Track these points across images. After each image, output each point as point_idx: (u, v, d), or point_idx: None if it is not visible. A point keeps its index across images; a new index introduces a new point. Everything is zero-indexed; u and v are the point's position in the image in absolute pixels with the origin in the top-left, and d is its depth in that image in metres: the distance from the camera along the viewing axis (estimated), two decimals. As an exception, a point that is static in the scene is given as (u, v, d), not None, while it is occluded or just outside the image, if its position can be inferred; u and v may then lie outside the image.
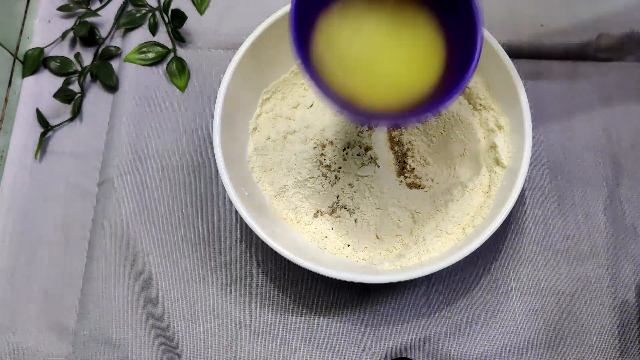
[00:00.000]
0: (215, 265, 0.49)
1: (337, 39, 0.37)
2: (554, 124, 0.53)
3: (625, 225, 0.50)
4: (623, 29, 0.55)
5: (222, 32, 0.56)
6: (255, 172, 0.49)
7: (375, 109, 0.36)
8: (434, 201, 0.47)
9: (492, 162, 0.46)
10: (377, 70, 0.37)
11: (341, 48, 0.37)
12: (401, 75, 0.37)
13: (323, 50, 0.36)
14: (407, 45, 0.37)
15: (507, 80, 0.45)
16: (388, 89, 0.37)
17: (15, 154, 0.53)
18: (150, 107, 0.54)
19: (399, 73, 0.37)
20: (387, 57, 0.37)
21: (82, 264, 0.50)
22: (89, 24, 0.56)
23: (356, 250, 0.47)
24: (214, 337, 0.47)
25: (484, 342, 0.47)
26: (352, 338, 0.47)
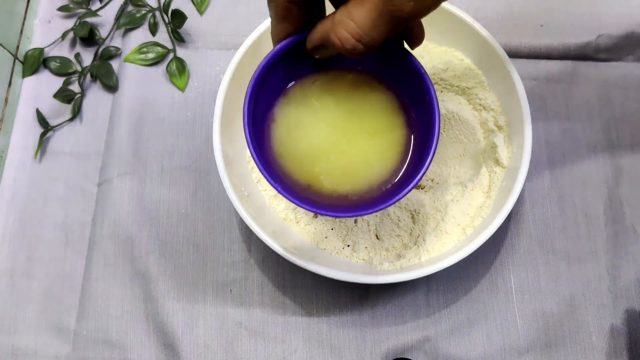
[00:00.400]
0: (215, 266, 0.49)
1: (293, 125, 0.36)
2: (554, 124, 0.53)
3: (625, 226, 0.50)
4: (623, 29, 0.55)
5: (222, 32, 0.56)
6: (255, 172, 0.49)
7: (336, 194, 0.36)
8: (434, 201, 0.47)
9: (492, 162, 0.46)
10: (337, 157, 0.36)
11: (298, 135, 0.37)
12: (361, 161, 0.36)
13: (281, 138, 0.36)
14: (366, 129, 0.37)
15: (507, 80, 0.45)
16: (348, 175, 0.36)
17: (15, 154, 0.53)
18: (150, 107, 0.54)
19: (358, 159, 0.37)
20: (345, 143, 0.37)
21: (82, 264, 0.50)
22: (89, 24, 0.56)
23: (356, 251, 0.47)
24: (213, 337, 0.47)
25: (484, 342, 0.47)
26: (352, 338, 0.47)
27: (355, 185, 0.36)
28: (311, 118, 0.37)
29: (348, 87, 0.37)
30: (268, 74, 0.34)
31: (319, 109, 0.37)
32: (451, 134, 0.49)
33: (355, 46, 0.30)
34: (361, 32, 0.29)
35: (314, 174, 0.36)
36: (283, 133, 0.36)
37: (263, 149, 0.35)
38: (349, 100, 0.37)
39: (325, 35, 0.31)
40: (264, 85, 0.35)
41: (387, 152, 0.37)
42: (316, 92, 0.37)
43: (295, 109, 0.37)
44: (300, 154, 0.36)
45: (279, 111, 0.37)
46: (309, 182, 0.36)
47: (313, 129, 0.36)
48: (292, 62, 0.35)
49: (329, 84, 0.37)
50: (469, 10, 0.55)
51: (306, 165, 0.36)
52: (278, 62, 0.34)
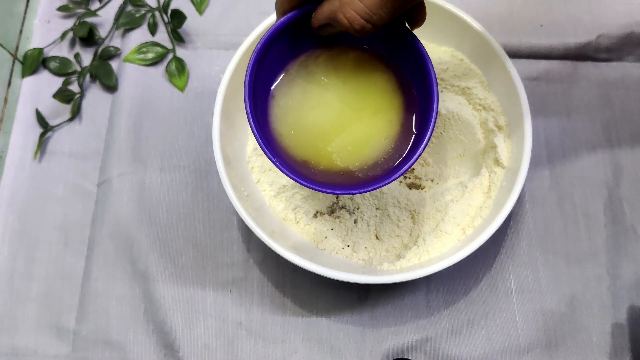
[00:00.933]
0: (214, 266, 0.49)
1: (295, 101, 0.37)
2: (554, 124, 0.53)
3: (625, 226, 0.50)
4: (623, 29, 0.55)
5: (221, 32, 0.56)
6: (254, 172, 0.49)
7: (334, 170, 0.36)
8: (434, 201, 0.47)
9: (492, 162, 0.46)
10: (338, 134, 0.37)
11: (299, 111, 0.37)
12: (362, 138, 0.37)
13: (282, 114, 0.37)
14: (367, 107, 0.37)
15: (507, 80, 0.45)
16: (349, 151, 0.37)
17: (14, 154, 0.53)
18: (149, 107, 0.54)
19: (359, 136, 0.37)
20: (347, 121, 0.37)
21: (81, 264, 0.50)
22: (89, 24, 0.56)
23: (356, 251, 0.47)
24: (213, 337, 0.47)
25: (484, 342, 0.47)
26: (352, 338, 0.47)
27: (356, 162, 0.36)
28: (313, 95, 0.37)
29: (351, 65, 0.37)
30: (270, 47, 0.34)
31: (321, 86, 0.37)
32: (451, 134, 0.49)
33: (363, 25, 0.30)
34: (369, 12, 0.30)
35: (315, 151, 0.36)
36: (284, 109, 0.36)
37: (264, 124, 0.35)
38: (352, 78, 0.37)
39: (332, 15, 0.31)
40: (266, 59, 0.34)
41: (388, 130, 0.37)
42: (319, 70, 0.37)
43: (297, 85, 0.37)
44: (302, 130, 0.36)
45: (280, 87, 0.37)
46: (309, 159, 0.36)
47: (315, 106, 0.37)
48: (295, 37, 0.35)
49: (332, 61, 0.37)
50: (469, 10, 0.55)
51: (307, 142, 0.36)
52: (281, 35, 0.34)
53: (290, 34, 0.35)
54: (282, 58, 0.36)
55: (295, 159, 0.36)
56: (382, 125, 0.37)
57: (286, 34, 0.34)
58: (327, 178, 0.36)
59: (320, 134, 0.37)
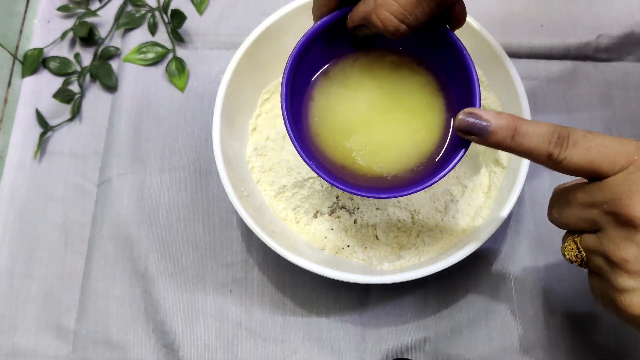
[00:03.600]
0: (214, 266, 0.49)
1: (331, 104, 0.36)
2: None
3: (626, 226, 0.50)
4: (623, 29, 0.55)
5: (221, 32, 0.56)
6: (254, 172, 0.49)
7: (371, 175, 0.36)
8: (434, 201, 0.47)
9: (492, 162, 0.46)
10: (374, 137, 0.36)
11: (335, 114, 0.36)
12: (398, 141, 0.36)
13: (318, 116, 0.36)
14: (405, 110, 0.36)
15: (507, 80, 0.45)
16: (384, 155, 0.36)
17: (14, 154, 0.53)
18: (149, 107, 0.54)
19: (395, 139, 0.36)
20: (383, 123, 0.36)
21: (81, 264, 0.50)
22: (89, 24, 0.56)
23: (356, 251, 0.47)
24: (213, 337, 0.47)
25: (484, 342, 0.47)
26: (352, 338, 0.47)
27: (391, 166, 0.36)
28: (350, 98, 0.36)
29: (388, 68, 0.37)
30: (308, 50, 0.34)
31: (358, 89, 0.36)
32: (451, 134, 0.49)
33: (398, 27, 0.30)
34: (405, 12, 0.29)
35: (349, 153, 0.36)
36: (320, 111, 0.36)
37: (299, 126, 0.35)
38: (389, 82, 0.36)
39: (366, 16, 0.31)
40: (303, 61, 0.34)
41: (426, 134, 0.36)
42: (356, 73, 0.36)
43: (334, 88, 0.36)
44: (337, 133, 0.36)
45: (317, 89, 0.36)
46: (343, 162, 0.36)
47: (351, 109, 0.36)
48: (333, 39, 0.35)
49: (369, 64, 0.37)
50: (468, 10, 0.55)
51: (342, 145, 0.36)
52: (318, 38, 0.34)
53: (327, 37, 0.34)
54: (319, 60, 0.36)
55: (332, 161, 0.36)
56: (420, 129, 0.36)
57: (323, 37, 0.34)
58: (363, 181, 0.35)
59: (355, 136, 0.36)
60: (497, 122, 0.30)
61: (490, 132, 0.31)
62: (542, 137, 0.30)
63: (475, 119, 0.31)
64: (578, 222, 0.31)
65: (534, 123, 0.31)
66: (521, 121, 0.30)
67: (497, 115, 0.31)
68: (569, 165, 0.30)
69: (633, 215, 0.28)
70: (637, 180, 0.28)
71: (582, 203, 0.31)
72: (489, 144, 0.31)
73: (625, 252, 0.28)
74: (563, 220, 0.32)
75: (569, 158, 0.30)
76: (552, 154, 0.30)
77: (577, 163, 0.30)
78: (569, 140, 0.30)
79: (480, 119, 0.31)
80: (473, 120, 0.31)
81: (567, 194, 0.32)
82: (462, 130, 0.32)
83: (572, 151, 0.30)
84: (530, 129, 0.30)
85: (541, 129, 0.30)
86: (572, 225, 0.32)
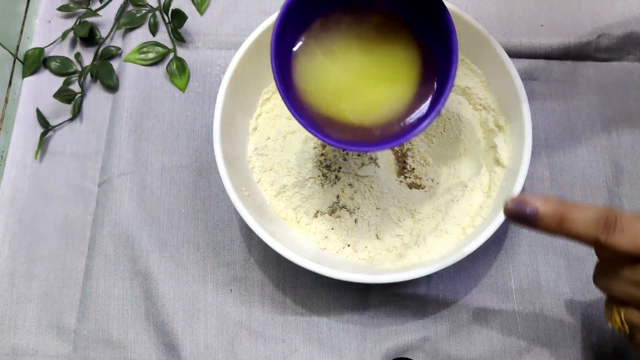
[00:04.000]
0: (215, 265, 0.49)
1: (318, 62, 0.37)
2: (554, 124, 0.53)
3: (625, 226, 0.50)
4: (623, 29, 0.55)
5: (222, 32, 0.56)
6: (255, 172, 0.49)
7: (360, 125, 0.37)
8: (434, 201, 0.47)
9: (492, 162, 0.47)
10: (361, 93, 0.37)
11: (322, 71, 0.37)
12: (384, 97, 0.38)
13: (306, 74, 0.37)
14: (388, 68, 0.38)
15: (507, 80, 0.45)
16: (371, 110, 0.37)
17: (15, 154, 0.53)
18: (150, 107, 0.54)
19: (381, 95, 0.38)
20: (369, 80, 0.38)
21: (82, 264, 0.50)
22: (89, 24, 0.56)
23: (356, 250, 0.47)
24: (214, 337, 0.47)
25: (484, 342, 0.47)
26: (352, 338, 0.47)
27: (379, 119, 0.37)
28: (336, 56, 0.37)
29: (373, 28, 0.37)
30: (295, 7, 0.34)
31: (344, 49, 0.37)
32: (451, 133, 0.49)
33: None
34: None
35: (337, 109, 0.37)
36: (307, 69, 0.37)
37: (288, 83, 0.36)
38: (373, 40, 0.37)
39: None
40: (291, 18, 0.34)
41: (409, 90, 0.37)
42: (341, 30, 0.37)
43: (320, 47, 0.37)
44: (325, 89, 0.37)
45: (304, 47, 0.37)
46: (332, 117, 0.37)
47: (337, 67, 0.37)
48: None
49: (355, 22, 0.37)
50: (468, 10, 0.55)
51: (330, 101, 0.37)
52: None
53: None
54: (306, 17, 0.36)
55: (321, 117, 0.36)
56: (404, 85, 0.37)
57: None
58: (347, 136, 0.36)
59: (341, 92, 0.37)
60: (543, 209, 0.31)
61: (538, 220, 0.31)
62: (589, 222, 0.31)
63: (522, 205, 0.31)
64: (624, 296, 0.32)
65: (581, 208, 0.31)
66: (568, 207, 0.31)
67: (544, 201, 0.31)
68: (617, 249, 0.31)
69: None
70: None
71: (631, 280, 0.32)
72: (536, 230, 0.32)
73: None
74: (608, 290, 0.34)
75: (616, 243, 0.30)
76: (600, 239, 0.31)
77: (625, 249, 0.30)
78: (616, 225, 0.30)
79: (527, 205, 0.31)
80: (521, 207, 0.31)
81: (615, 265, 0.33)
82: (510, 216, 0.32)
83: (619, 237, 0.30)
84: (577, 215, 0.31)
85: (588, 214, 0.31)
86: (617, 297, 0.33)
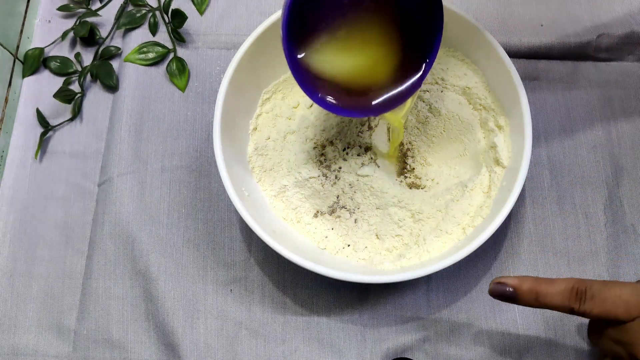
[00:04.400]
0: (215, 265, 0.49)
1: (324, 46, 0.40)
2: (554, 124, 0.53)
3: (625, 225, 0.50)
4: (623, 29, 0.55)
5: (222, 32, 0.56)
6: (255, 172, 0.49)
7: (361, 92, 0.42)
8: (434, 201, 0.47)
9: (492, 162, 0.47)
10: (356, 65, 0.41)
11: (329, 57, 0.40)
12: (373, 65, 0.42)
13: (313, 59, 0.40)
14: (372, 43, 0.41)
15: (507, 80, 0.45)
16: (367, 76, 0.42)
17: (15, 154, 0.53)
18: (150, 107, 0.54)
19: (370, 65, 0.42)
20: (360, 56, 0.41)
21: (82, 264, 0.50)
22: (89, 24, 0.56)
23: (356, 250, 0.47)
24: (214, 337, 0.47)
25: (484, 342, 0.47)
26: (352, 338, 0.47)
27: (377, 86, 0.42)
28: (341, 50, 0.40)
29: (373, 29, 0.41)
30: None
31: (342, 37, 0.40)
32: (451, 133, 0.49)
33: None
34: None
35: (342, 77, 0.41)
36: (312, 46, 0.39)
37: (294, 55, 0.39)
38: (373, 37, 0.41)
39: None
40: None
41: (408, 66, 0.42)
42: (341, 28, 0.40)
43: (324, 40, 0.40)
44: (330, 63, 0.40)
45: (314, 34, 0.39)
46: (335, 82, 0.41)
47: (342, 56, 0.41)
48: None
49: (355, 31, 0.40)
50: (468, 10, 0.55)
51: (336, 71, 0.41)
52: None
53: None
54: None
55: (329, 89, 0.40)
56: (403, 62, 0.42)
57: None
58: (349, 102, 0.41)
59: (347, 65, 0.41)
60: (520, 288, 0.36)
61: (517, 297, 0.36)
62: (562, 295, 0.35)
63: (503, 287, 0.37)
64: (610, 352, 0.37)
65: (552, 282, 0.36)
66: (540, 284, 0.36)
67: (519, 281, 0.36)
68: (591, 315, 0.35)
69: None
70: None
71: (612, 338, 0.36)
72: (519, 305, 0.37)
73: None
74: (599, 346, 0.39)
75: (588, 310, 0.35)
76: (573, 308, 0.35)
77: (596, 315, 0.35)
78: (586, 294, 0.35)
79: (506, 286, 0.37)
80: (502, 288, 0.37)
81: (602, 325, 0.37)
82: (495, 296, 0.37)
83: (590, 304, 0.35)
84: (550, 290, 0.36)
85: (560, 287, 0.35)
86: (607, 353, 0.38)
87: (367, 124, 0.50)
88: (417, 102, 0.50)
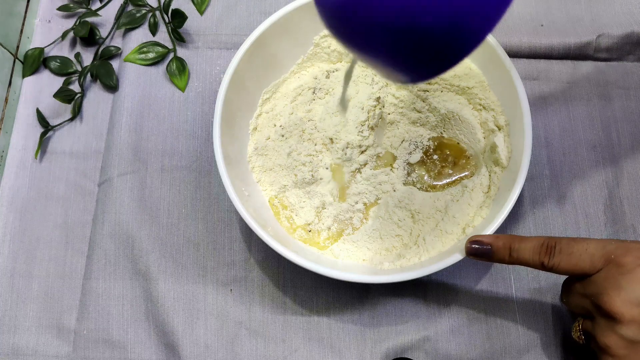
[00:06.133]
0: (215, 265, 0.49)
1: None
2: (554, 124, 0.53)
3: (625, 225, 0.50)
4: (623, 29, 0.55)
5: (222, 32, 0.56)
6: (255, 172, 0.49)
7: None
8: (434, 201, 0.47)
9: (492, 162, 0.47)
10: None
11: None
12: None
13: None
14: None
15: (507, 80, 0.45)
16: None
17: (15, 154, 0.54)
18: (150, 107, 0.54)
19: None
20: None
21: (82, 264, 0.50)
22: (89, 24, 0.56)
23: (356, 250, 0.47)
24: (214, 337, 0.47)
25: (484, 342, 0.47)
26: (352, 338, 0.47)
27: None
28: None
29: None
30: None
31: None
32: (451, 133, 0.49)
33: None
34: None
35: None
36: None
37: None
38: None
39: None
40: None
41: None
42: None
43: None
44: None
45: None
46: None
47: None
48: None
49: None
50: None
51: None
52: None
53: None
54: None
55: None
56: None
57: None
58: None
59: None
60: (496, 244, 0.39)
61: (493, 253, 0.39)
62: (533, 250, 0.37)
63: (479, 245, 0.39)
64: (577, 308, 0.39)
65: (525, 239, 0.38)
66: (515, 240, 0.38)
67: (495, 238, 0.39)
68: (559, 269, 0.37)
69: (610, 310, 0.34)
70: (613, 277, 0.34)
71: (580, 293, 0.38)
72: (493, 262, 0.39)
73: (608, 340, 0.35)
74: (568, 304, 0.40)
75: (556, 264, 0.37)
76: (543, 262, 0.37)
77: (564, 267, 0.37)
78: (555, 249, 0.37)
79: (482, 244, 0.39)
80: (477, 246, 0.39)
81: (571, 283, 0.39)
82: (471, 254, 0.39)
83: (558, 258, 0.36)
84: (522, 245, 0.38)
85: (532, 243, 0.37)
86: (575, 310, 0.39)
87: (367, 124, 0.50)
88: (417, 102, 0.50)
